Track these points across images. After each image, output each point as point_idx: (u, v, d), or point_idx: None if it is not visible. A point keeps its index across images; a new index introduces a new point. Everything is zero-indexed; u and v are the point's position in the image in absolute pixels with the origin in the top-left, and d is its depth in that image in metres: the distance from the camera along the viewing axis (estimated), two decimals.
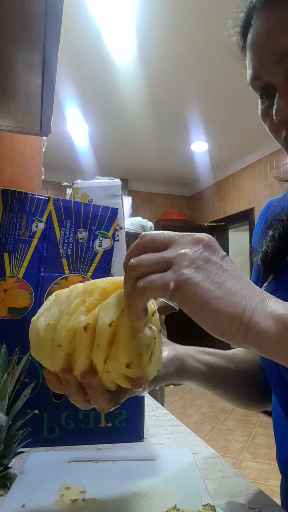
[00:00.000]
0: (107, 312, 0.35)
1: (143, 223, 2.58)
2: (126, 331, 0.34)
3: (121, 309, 0.35)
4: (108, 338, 0.34)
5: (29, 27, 0.53)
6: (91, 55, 2.73)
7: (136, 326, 0.35)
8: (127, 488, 0.49)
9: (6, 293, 0.73)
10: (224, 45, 0.56)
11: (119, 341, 0.34)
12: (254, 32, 0.50)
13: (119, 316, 0.34)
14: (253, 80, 0.51)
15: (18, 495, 0.47)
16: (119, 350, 0.34)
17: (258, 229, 0.65)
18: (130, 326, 0.34)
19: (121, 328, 0.34)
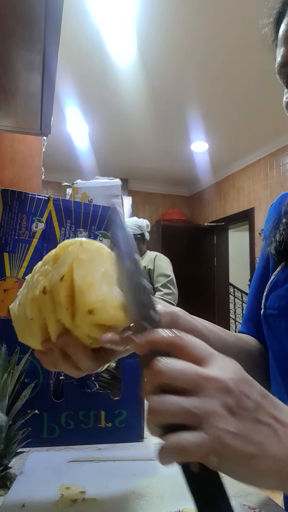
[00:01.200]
0: (58, 270, 0.36)
1: (139, 223, 2.58)
2: (79, 282, 0.35)
3: (70, 262, 0.36)
4: (65, 293, 0.35)
5: (29, 27, 0.53)
6: (91, 55, 2.73)
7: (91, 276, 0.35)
8: (127, 488, 0.49)
9: (6, 293, 0.73)
10: (225, 45, 0.56)
11: (75, 291, 0.35)
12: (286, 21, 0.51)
13: (69, 269, 0.35)
14: (281, 67, 0.53)
15: (18, 495, 0.47)
16: (78, 300, 0.35)
17: (269, 220, 0.65)
18: (83, 276, 0.35)
19: (75, 280, 0.35)
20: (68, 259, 0.36)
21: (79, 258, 0.36)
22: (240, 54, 2.58)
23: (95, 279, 0.36)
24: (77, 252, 0.37)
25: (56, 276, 0.35)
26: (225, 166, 5.14)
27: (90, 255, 0.37)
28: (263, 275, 0.66)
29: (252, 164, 4.75)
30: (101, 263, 0.37)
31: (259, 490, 0.52)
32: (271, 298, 0.58)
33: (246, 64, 2.68)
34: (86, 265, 0.36)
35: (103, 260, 0.38)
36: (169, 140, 4.32)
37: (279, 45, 0.53)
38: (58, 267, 0.36)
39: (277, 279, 0.59)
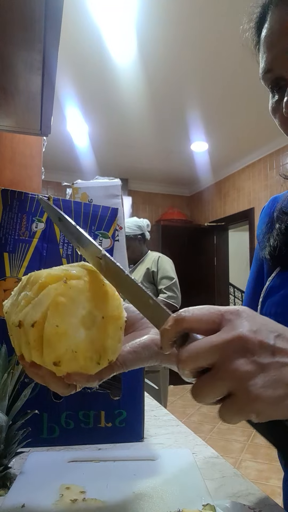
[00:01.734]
0: (33, 311, 0.34)
1: (139, 223, 2.57)
2: (50, 331, 0.33)
3: (46, 307, 0.33)
4: (35, 337, 0.34)
5: (29, 27, 0.53)
6: (91, 55, 2.73)
7: (64, 325, 0.33)
8: (127, 488, 0.49)
9: (6, 293, 0.73)
10: (225, 45, 0.57)
11: (44, 341, 0.33)
12: (268, 26, 0.51)
13: (42, 316, 0.33)
14: (265, 73, 0.52)
15: (18, 495, 0.47)
16: (45, 350, 0.33)
17: (262, 224, 0.65)
18: (56, 325, 0.33)
19: (45, 328, 0.33)
20: (44, 302, 0.34)
21: (57, 302, 0.33)
22: (240, 53, 2.58)
23: (70, 326, 0.34)
24: (57, 293, 0.34)
25: (29, 319, 0.34)
26: (225, 166, 5.14)
27: (73, 296, 0.35)
28: (257, 280, 0.65)
29: (252, 164, 4.76)
30: (87, 302, 0.35)
31: (259, 490, 0.52)
32: (267, 305, 0.58)
33: (247, 64, 2.68)
34: (64, 309, 0.34)
35: (91, 296, 0.36)
36: (169, 140, 4.32)
37: (262, 51, 0.52)
38: (34, 306, 0.34)
39: (273, 285, 0.58)
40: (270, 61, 0.50)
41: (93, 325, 0.35)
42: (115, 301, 0.38)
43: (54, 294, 0.34)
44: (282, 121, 0.54)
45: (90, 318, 0.35)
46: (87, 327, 0.35)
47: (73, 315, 0.34)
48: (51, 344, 0.33)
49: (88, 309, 0.35)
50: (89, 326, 0.35)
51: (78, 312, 0.34)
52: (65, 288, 0.34)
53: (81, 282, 0.36)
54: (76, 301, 0.35)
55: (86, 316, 0.35)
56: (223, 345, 0.29)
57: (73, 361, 0.34)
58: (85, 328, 0.34)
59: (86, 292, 0.35)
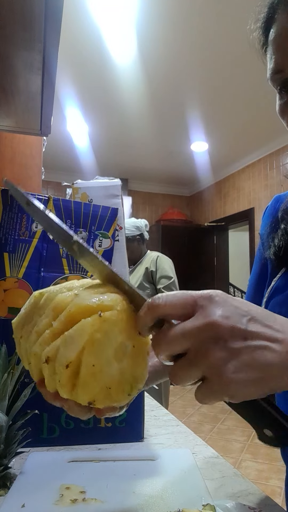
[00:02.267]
0: (66, 350, 0.32)
1: (137, 224, 2.57)
2: (86, 371, 0.31)
3: (82, 346, 0.31)
4: (67, 377, 0.32)
5: (29, 27, 0.53)
6: (91, 55, 2.73)
7: (101, 362, 0.32)
8: (127, 488, 0.49)
9: (6, 293, 0.73)
10: (225, 45, 0.56)
11: (79, 382, 0.32)
12: (278, 27, 0.50)
13: (78, 356, 0.31)
14: (274, 74, 0.51)
15: (18, 495, 0.47)
16: (79, 391, 0.32)
17: (266, 223, 0.64)
18: (93, 364, 0.31)
19: (80, 368, 0.31)
20: (79, 340, 0.31)
21: (93, 339, 0.31)
22: (240, 53, 2.58)
23: (104, 363, 0.32)
24: (94, 330, 0.31)
25: (62, 359, 0.32)
26: (225, 166, 5.14)
27: (108, 330, 0.32)
28: (259, 280, 0.65)
29: (252, 164, 4.76)
30: (119, 334, 0.33)
31: (259, 490, 0.52)
32: (272, 305, 0.57)
33: (247, 64, 2.68)
34: (99, 347, 0.32)
35: (123, 327, 0.33)
36: (169, 140, 4.33)
37: (271, 51, 0.52)
38: (67, 344, 0.32)
39: (278, 285, 0.58)
40: (280, 62, 0.50)
41: (125, 356, 0.34)
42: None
43: (90, 331, 0.31)
44: None
45: (122, 350, 0.33)
46: (119, 360, 0.33)
47: (107, 350, 0.32)
48: (87, 385, 0.32)
49: (121, 340, 0.33)
50: (121, 358, 0.33)
51: (112, 346, 0.33)
52: (100, 323, 0.32)
53: (115, 312, 0.33)
54: (110, 334, 0.32)
55: (119, 348, 0.33)
56: (195, 332, 0.30)
57: (107, 398, 0.33)
58: (117, 361, 0.33)
59: (119, 323, 0.33)
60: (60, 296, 0.34)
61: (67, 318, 0.33)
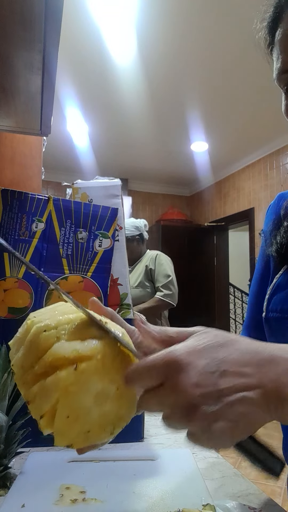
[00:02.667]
0: (41, 401, 0.32)
1: (136, 224, 2.57)
2: (60, 422, 0.32)
3: (56, 399, 0.31)
4: (45, 424, 0.33)
5: (29, 27, 0.53)
6: (91, 55, 2.73)
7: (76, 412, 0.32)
8: (127, 488, 0.49)
9: (6, 293, 0.73)
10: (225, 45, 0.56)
11: (54, 429, 0.32)
12: (285, 26, 0.50)
13: (53, 406, 0.32)
14: (281, 73, 0.51)
15: (18, 495, 0.47)
16: (56, 438, 0.32)
17: (269, 221, 0.65)
18: (67, 415, 0.31)
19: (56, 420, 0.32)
20: (53, 393, 0.31)
21: (67, 392, 0.31)
22: (240, 54, 2.58)
23: (81, 411, 0.32)
24: (67, 384, 0.31)
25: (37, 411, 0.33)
26: (225, 166, 5.14)
27: (85, 381, 0.32)
28: (263, 278, 0.66)
29: (252, 164, 4.76)
30: (100, 381, 0.33)
31: (259, 490, 0.52)
32: (274, 301, 0.58)
33: (247, 64, 2.68)
34: (74, 398, 0.32)
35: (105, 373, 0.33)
36: (169, 140, 4.32)
37: (278, 51, 0.52)
38: (42, 394, 0.32)
39: (280, 282, 0.58)
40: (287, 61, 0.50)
41: (107, 400, 0.33)
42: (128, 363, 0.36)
43: (63, 385, 0.31)
44: None
45: (104, 395, 0.33)
46: (100, 404, 0.33)
47: (84, 399, 0.32)
48: (62, 434, 0.32)
49: (101, 387, 0.33)
50: (103, 402, 0.33)
51: (90, 394, 0.32)
52: (75, 376, 0.31)
53: (93, 363, 0.32)
54: (88, 384, 0.32)
55: (99, 394, 0.33)
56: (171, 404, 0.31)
57: (85, 440, 0.33)
58: (98, 406, 0.33)
59: (99, 371, 0.33)
60: (44, 336, 0.33)
61: (46, 364, 0.32)
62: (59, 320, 0.35)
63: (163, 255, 2.59)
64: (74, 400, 0.32)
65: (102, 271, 0.79)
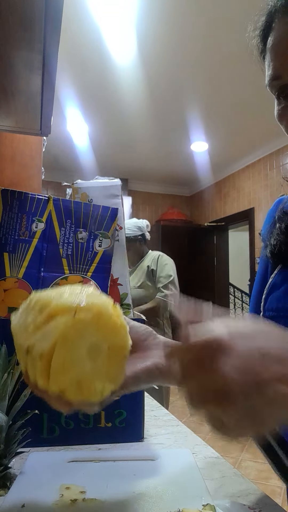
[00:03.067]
0: (41, 342, 0.35)
1: (139, 224, 2.58)
2: (56, 363, 0.34)
3: (55, 340, 0.34)
4: (42, 368, 0.35)
5: (29, 27, 0.53)
6: (91, 55, 2.73)
7: (71, 358, 0.34)
8: (127, 488, 0.49)
9: (6, 293, 0.73)
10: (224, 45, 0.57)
11: (50, 372, 0.34)
12: (276, 34, 0.51)
13: (51, 348, 0.34)
14: (273, 80, 0.53)
15: (18, 495, 0.47)
16: (51, 379, 0.35)
17: (266, 224, 0.67)
18: (63, 357, 0.34)
19: (53, 361, 0.34)
20: (53, 335, 0.34)
21: (65, 336, 0.34)
22: (240, 54, 2.58)
23: (76, 359, 0.35)
24: (66, 327, 0.34)
25: (37, 350, 0.35)
26: (225, 166, 5.14)
27: (81, 329, 0.35)
28: (263, 278, 0.67)
29: (252, 164, 4.76)
30: (94, 334, 0.36)
31: (259, 490, 0.52)
32: (270, 300, 0.59)
33: (247, 64, 2.68)
34: (71, 343, 0.34)
35: (98, 328, 0.36)
36: (169, 140, 4.32)
37: (269, 58, 0.53)
38: (43, 336, 0.35)
39: (275, 282, 0.60)
40: (279, 68, 0.51)
41: (99, 356, 0.36)
42: (122, 331, 0.38)
43: (63, 327, 0.34)
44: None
45: (96, 350, 0.36)
46: (93, 359, 0.36)
47: (80, 347, 0.35)
48: (57, 377, 0.34)
49: (95, 341, 0.36)
50: (95, 357, 0.36)
51: (85, 345, 0.35)
52: (73, 322, 0.35)
53: (89, 315, 0.36)
54: (83, 334, 0.35)
55: (93, 348, 0.36)
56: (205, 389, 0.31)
57: (77, 392, 0.35)
58: (90, 360, 0.35)
59: (94, 324, 0.36)
60: (48, 295, 0.37)
61: (48, 314, 0.35)
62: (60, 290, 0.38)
63: (166, 256, 2.59)
64: (71, 344, 0.34)
65: (102, 271, 0.79)
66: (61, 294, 0.37)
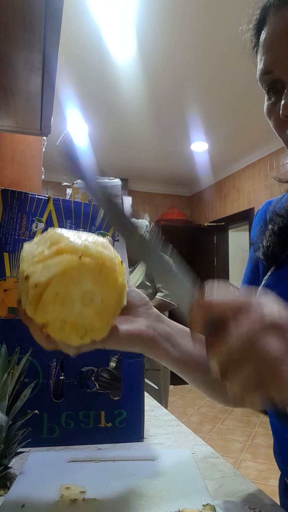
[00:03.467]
0: (41, 273, 0.35)
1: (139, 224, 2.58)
2: (48, 296, 0.35)
3: (53, 274, 0.35)
4: (34, 296, 0.35)
5: (29, 27, 0.53)
6: (91, 54, 2.73)
7: (64, 295, 0.35)
8: (127, 488, 0.49)
9: (6, 293, 0.73)
10: (224, 45, 0.57)
11: (40, 302, 0.35)
12: (269, 28, 0.51)
13: (47, 280, 0.35)
14: (263, 74, 0.53)
15: (18, 495, 0.47)
16: (37, 310, 0.35)
17: (256, 226, 0.66)
18: (56, 293, 0.35)
19: (45, 293, 0.35)
20: (53, 269, 0.35)
21: (64, 273, 0.35)
22: (240, 53, 2.58)
23: (68, 298, 0.35)
24: (68, 265, 0.35)
25: (35, 278, 0.35)
26: (225, 166, 5.14)
27: (82, 272, 0.36)
28: (251, 281, 0.67)
29: (252, 164, 4.75)
30: (92, 281, 0.36)
31: (259, 490, 0.52)
32: None
33: (247, 64, 2.67)
34: (68, 282, 0.35)
35: (99, 278, 0.37)
36: (169, 140, 4.32)
37: (261, 52, 0.53)
38: (44, 268, 0.35)
39: (268, 284, 0.59)
40: (270, 63, 0.51)
41: (91, 303, 0.37)
42: (120, 289, 0.39)
43: (65, 264, 0.35)
44: (276, 123, 0.55)
45: (90, 297, 0.36)
46: (84, 304, 0.36)
47: (76, 289, 0.35)
48: (44, 308, 0.35)
49: (91, 288, 0.36)
50: (87, 303, 0.36)
51: (81, 288, 0.36)
52: (77, 263, 0.35)
53: (94, 262, 0.36)
54: (83, 277, 0.36)
55: (87, 293, 0.36)
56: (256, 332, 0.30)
57: (58, 330, 0.36)
58: (82, 304, 0.36)
59: (95, 273, 0.36)
60: (63, 234, 0.38)
61: (56, 250, 0.36)
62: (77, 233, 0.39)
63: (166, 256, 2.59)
64: (68, 284, 0.35)
65: None
66: (76, 237, 0.38)
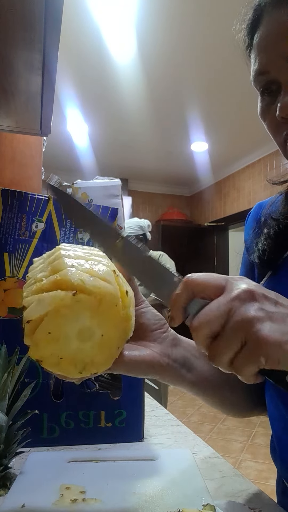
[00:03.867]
0: (35, 308, 0.34)
1: (141, 224, 2.58)
2: (40, 334, 0.34)
3: (46, 312, 0.33)
4: (27, 331, 0.34)
5: (29, 27, 0.53)
6: (91, 55, 2.73)
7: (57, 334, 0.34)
8: (127, 488, 0.49)
9: (6, 293, 0.73)
10: (224, 45, 0.57)
11: (32, 339, 0.34)
12: (264, 29, 0.50)
13: (39, 318, 0.33)
14: (258, 75, 0.51)
15: (18, 495, 0.47)
16: (31, 347, 0.34)
17: (249, 229, 0.66)
18: (48, 331, 0.33)
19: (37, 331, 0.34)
20: (46, 306, 0.33)
21: (57, 312, 0.33)
22: (240, 53, 2.58)
23: (62, 336, 0.34)
24: (61, 304, 0.33)
25: (27, 314, 0.34)
26: (225, 166, 5.14)
27: (77, 310, 0.34)
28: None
29: (252, 164, 4.75)
30: (90, 318, 0.34)
31: (259, 490, 0.52)
32: None
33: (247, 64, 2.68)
34: (62, 321, 0.34)
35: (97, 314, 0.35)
36: (169, 140, 4.32)
37: (255, 53, 0.52)
38: (38, 303, 0.34)
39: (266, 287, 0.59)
40: (265, 63, 0.50)
41: (89, 339, 0.35)
42: (123, 323, 0.37)
43: (58, 303, 0.33)
44: (271, 125, 0.54)
45: (88, 333, 0.35)
46: (82, 340, 0.34)
47: (70, 327, 0.34)
48: (37, 345, 0.34)
49: (89, 325, 0.34)
50: (85, 339, 0.34)
51: (77, 325, 0.34)
52: (71, 301, 0.33)
53: (91, 299, 0.34)
54: (78, 315, 0.34)
55: (85, 330, 0.34)
56: (231, 300, 0.32)
57: (55, 365, 0.35)
58: (79, 340, 0.34)
59: (93, 309, 0.34)
60: (64, 260, 0.36)
61: (53, 281, 0.35)
62: (85, 255, 0.38)
63: (166, 256, 2.60)
64: (61, 322, 0.34)
65: None
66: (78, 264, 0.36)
